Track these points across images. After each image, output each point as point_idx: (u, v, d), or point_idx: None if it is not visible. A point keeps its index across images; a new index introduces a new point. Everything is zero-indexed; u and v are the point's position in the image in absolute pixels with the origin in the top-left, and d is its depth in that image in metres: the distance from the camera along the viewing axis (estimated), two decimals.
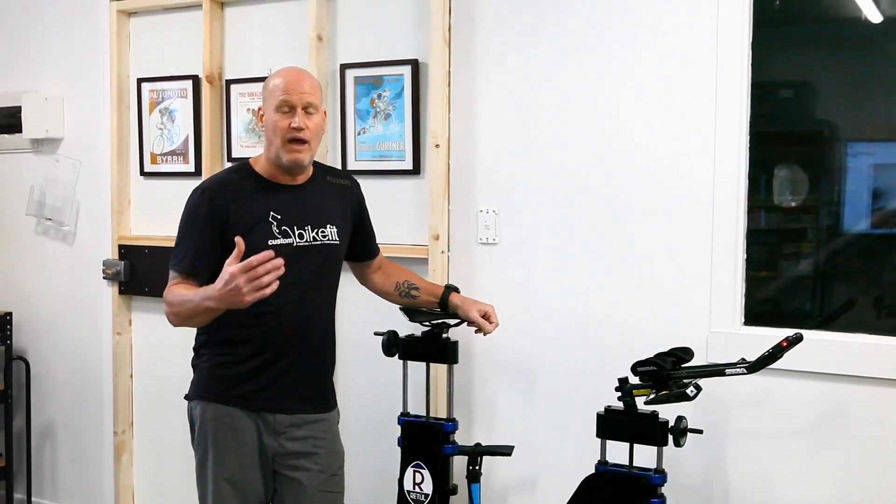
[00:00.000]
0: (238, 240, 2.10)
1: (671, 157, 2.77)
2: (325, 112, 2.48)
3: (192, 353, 2.53)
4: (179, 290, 2.28)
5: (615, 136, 2.85)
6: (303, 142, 2.36)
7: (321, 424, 2.48)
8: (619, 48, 2.84)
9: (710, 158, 2.71)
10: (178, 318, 2.29)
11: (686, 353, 2.46)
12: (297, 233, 2.40)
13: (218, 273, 2.17)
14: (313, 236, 2.43)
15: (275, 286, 2.06)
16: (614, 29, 2.85)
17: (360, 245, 2.67)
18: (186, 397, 2.52)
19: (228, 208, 2.34)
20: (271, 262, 2.03)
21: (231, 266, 2.06)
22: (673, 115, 2.77)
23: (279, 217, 2.38)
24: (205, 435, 2.44)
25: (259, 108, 2.45)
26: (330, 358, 2.56)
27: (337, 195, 2.56)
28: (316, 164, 2.53)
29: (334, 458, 2.50)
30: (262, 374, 2.39)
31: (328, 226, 2.47)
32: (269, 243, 2.34)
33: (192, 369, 2.53)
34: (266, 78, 2.47)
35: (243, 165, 2.48)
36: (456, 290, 2.74)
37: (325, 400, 2.51)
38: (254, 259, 2.03)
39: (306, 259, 2.40)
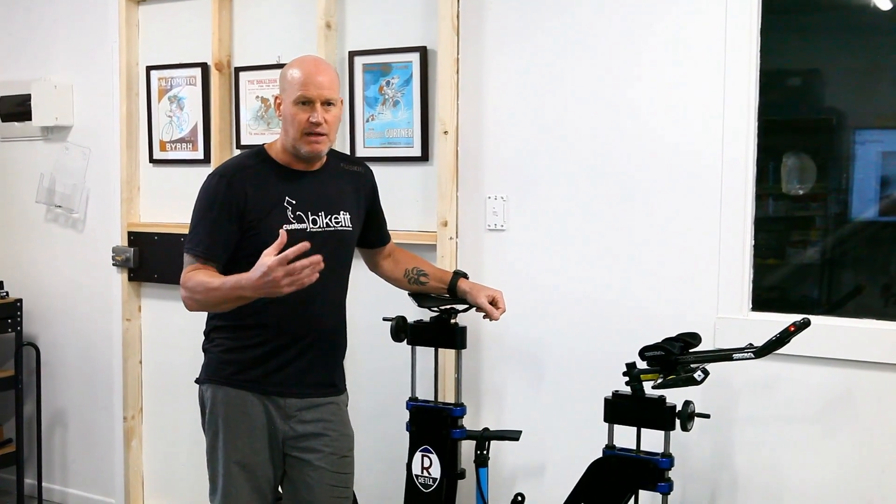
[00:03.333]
0: (281, 232, 2.11)
1: (679, 145, 2.78)
2: (342, 101, 2.49)
3: (203, 338, 2.54)
4: (201, 277, 2.27)
5: (624, 123, 2.86)
6: (321, 133, 2.37)
7: (331, 407, 2.49)
8: (628, 36, 2.84)
9: (718, 146, 2.72)
10: (200, 304, 2.30)
11: (694, 339, 2.47)
12: (310, 218, 2.41)
13: (235, 256, 2.20)
14: (326, 222, 2.44)
15: (314, 278, 2.09)
16: (622, 18, 2.84)
17: (372, 232, 2.68)
18: (198, 381, 2.53)
19: (246, 193, 2.35)
20: (310, 258, 2.06)
21: (269, 258, 2.07)
22: (681, 102, 2.77)
23: (294, 202, 2.39)
24: (215, 418, 2.46)
25: (277, 96, 2.45)
26: (341, 343, 2.57)
27: (351, 182, 2.56)
28: (330, 152, 2.53)
29: (344, 441, 2.52)
30: (272, 358, 2.40)
31: (341, 212, 2.48)
32: (284, 228, 2.34)
33: (203, 353, 2.54)
34: (283, 66, 2.46)
35: (258, 151, 2.49)
36: (464, 275, 2.75)
37: (334, 384, 2.53)
38: (290, 252, 2.05)
39: (319, 244, 2.38)
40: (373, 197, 2.66)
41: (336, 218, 2.47)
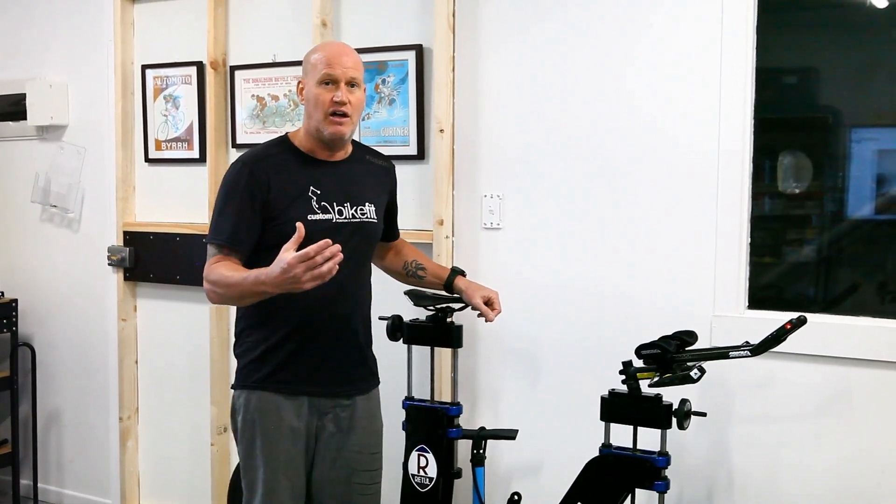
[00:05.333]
0: (299, 226, 2.06)
1: (675, 143, 2.78)
2: (365, 89, 2.45)
3: (234, 340, 2.48)
4: (224, 271, 2.22)
5: (620, 121, 2.85)
6: (344, 115, 2.33)
7: (363, 403, 2.46)
8: (623, 34, 2.84)
9: (714, 145, 2.72)
10: (221, 298, 2.26)
11: (690, 337, 2.47)
12: (336, 209, 2.37)
13: (259, 246, 2.19)
14: (352, 213, 2.40)
15: (334, 271, 2.03)
16: (618, 16, 2.84)
17: (391, 226, 2.66)
18: (232, 387, 2.48)
19: (269, 181, 2.31)
20: (329, 249, 2.00)
21: (288, 254, 2.02)
22: (677, 100, 2.77)
23: (318, 192, 2.35)
24: (251, 424, 2.39)
25: (299, 82, 2.42)
26: (369, 337, 2.53)
27: (375, 175, 2.53)
28: (355, 143, 2.50)
29: (374, 438, 2.50)
30: (302, 357, 2.36)
31: (367, 203, 2.44)
32: (309, 218, 2.31)
33: (235, 358, 2.48)
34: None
35: (282, 140, 2.45)
36: (462, 273, 2.73)
37: (365, 379, 2.49)
38: (311, 249, 1.99)
39: (345, 236, 2.35)
40: (393, 192, 2.63)
41: (361, 209, 2.43)
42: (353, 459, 2.44)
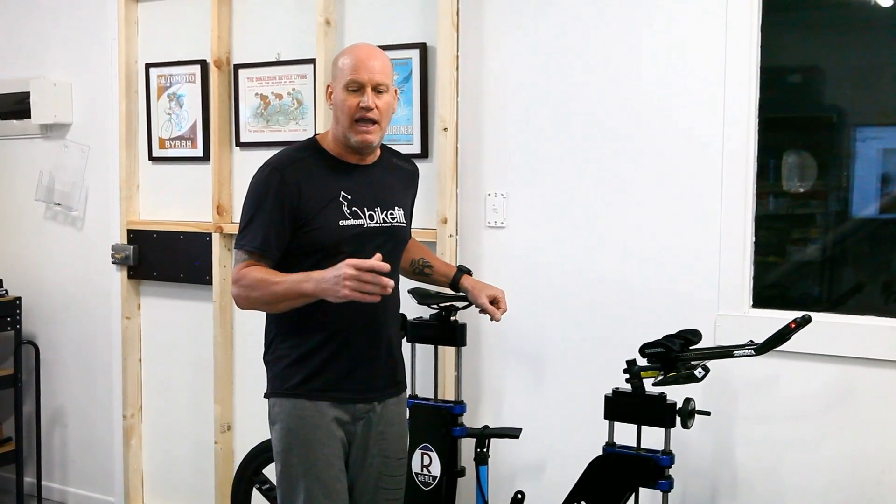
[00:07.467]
0: (378, 256, 2.09)
1: (680, 142, 2.77)
2: (396, 91, 2.42)
3: (264, 349, 2.45)
4: (259, 274, 2.21)
5: (624, 120, 2.85)
6: (372, 122, 2.30)
7: (393, 408, 2.45)
8: (627, 34, 2.84)
9: (718, 144, 2.71)
10: (252, 302, 2.25)
11: (694, 336, 2.46)
12: (367, 214, 2.35)
13: (288, 252, 2.22)
14: (383, 218, 2.38)
15: (376, 299, 2.08)
16: (622, 15, 2.84)
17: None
18: (266, 395, 2.44)
19: (300, 187, 2.27)
20: (383, 279, 2.05)
21: (351, 259, 2.07)
22: (682, 103, 2.76)
23: (349, 197, 2.32)
24: (288, 432, 2.35)
25: (328, 86, 2.39)
26: (399, 340, 2.52)
27: (402, 179, 2.51)
28: (383, 147, 2.47)
29: (400, 443, 2.48)
30: (337, 363, 2.33)
31: (396, 208, 2.42)
32: (340, 223, 2.29)
33: (265, 365, 2.44)
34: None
35: (310, 143, 2.42)
36: (469, 272, 2.71)
37: (397, 383, 2.47)
38: (375, 263, 2.05)
39: (376, 241, 2.33)
40: (415, 196, 2.61)
41: (392, 214, 2.41)
42: (382, 464, 2.42)
